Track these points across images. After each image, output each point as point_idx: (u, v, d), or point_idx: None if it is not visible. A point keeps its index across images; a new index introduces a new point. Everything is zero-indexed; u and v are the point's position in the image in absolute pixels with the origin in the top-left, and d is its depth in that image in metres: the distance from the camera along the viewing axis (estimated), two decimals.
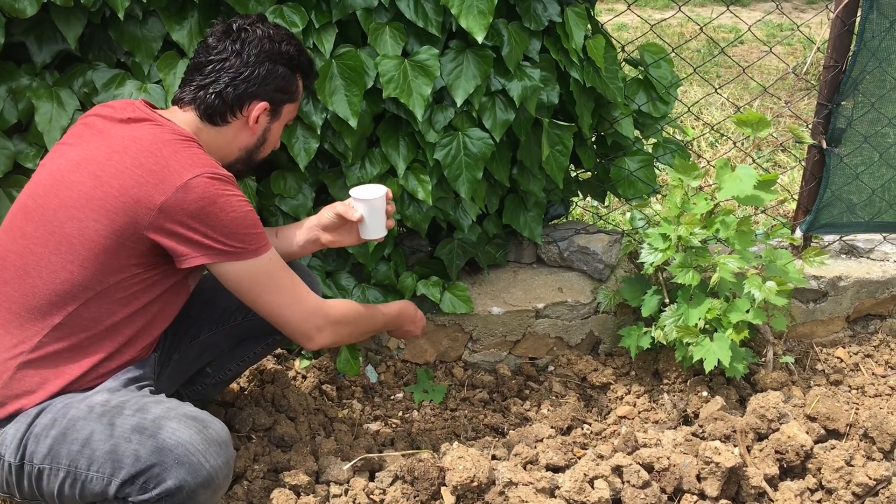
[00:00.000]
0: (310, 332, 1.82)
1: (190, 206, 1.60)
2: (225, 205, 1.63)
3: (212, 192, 1.62)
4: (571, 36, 2.38)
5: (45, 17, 2.02)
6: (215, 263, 1.68)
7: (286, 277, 1.76)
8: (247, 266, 1.70)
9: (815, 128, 2.70)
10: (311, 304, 1.80)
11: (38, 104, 2.06)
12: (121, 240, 1.61)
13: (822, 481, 2.07)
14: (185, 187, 1.60)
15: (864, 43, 2.53)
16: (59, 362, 1.64)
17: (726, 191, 2.32)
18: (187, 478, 1.51)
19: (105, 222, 1.60)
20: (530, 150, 2.51)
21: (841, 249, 2.97)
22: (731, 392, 2.48)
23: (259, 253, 1.70)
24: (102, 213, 1.60)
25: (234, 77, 1.74)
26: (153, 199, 1.59)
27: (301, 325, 1.80)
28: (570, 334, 2.72)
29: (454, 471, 1.95)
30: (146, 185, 1.59)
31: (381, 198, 1.95)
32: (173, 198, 1.59)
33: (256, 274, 1.71)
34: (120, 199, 1.59)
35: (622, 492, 1.95)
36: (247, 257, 1.69)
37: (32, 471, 1.57)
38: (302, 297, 1.79)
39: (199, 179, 1.61)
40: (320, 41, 2.18)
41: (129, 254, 1.63)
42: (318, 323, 1.82)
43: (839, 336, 2.88)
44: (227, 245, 1.66)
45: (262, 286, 1.73)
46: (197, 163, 1.64)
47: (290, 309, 1.77)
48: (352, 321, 1.91)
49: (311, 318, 1.80)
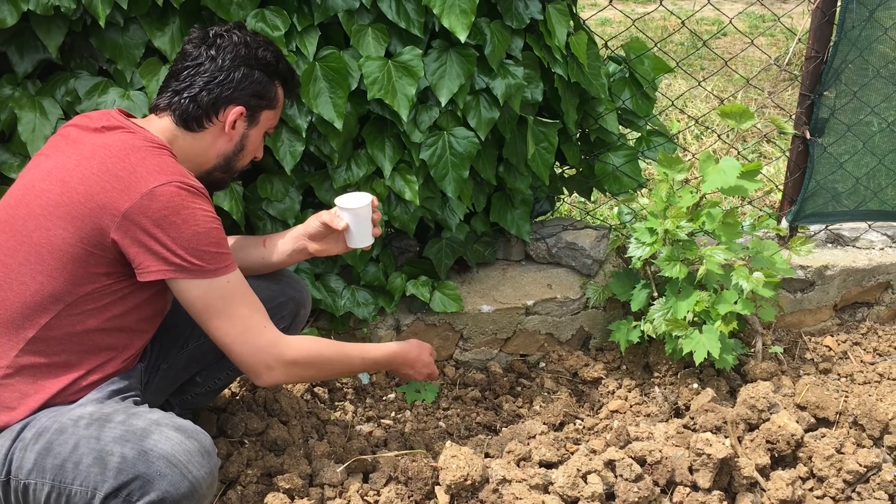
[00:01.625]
0: (257, 369, 1.72)
1: (153, 213, 1.57)
2: (188, 216, 1.60)
3: (177, 201, 1.58)
4: (554, 33, 2.39)
5: (26, 26, 2.01)
6: (172, 279, 1.62)
7: (244, 305, 1.68)
8: (202, 286, 1.63)
9: (798, 118, 2.71)
10: (265, 338, 1.70)
11: (21, 114, 2.05)
12: (87, 247, 1.59)
13: (814, 469, 2.09)
14: (151, 194, 1.57)
15: (844, 33, 2.55)
16: (37, 376, 1.62)
17: (710, 182, 2.33)
18: (170, 489, 1.50)
19: (71, 229, 1.58)
20: (516, 148, 2.52)
21: (827, 238, 2.98)
22: (722, 383, 2.49)
23: (217, 274, 1.64)
24: (68, 219, 1.58)
25: (209, 81, 1.72)
26: (118, 204, 1.57)
27: (249, 359, 1.70)
28: (561, 330, 2.73)
29: (448, 470, 1.95)
30: (112, 191, 1.57)
31: (366, 206, 1.94)
32: (138, 204, 1.57)
33: (211, 296, 1.64)
34: (86, 205, 1.58)
35: (615, 486, 1.96)
36: (204, 276, 1.63)
37: (18, 486, 1.56)
38: (255, 330, 1.69)
39: (165, 188, 1.58)
40: (303, 44, 2.17)
41: (98, 262, 1.61)
42: (268, 361, 1.71)
43: (827, 325, 2.90)
44: (185, 260, 1.60)
45: (215, 310, 1.65)
46: (165, 171, 1.61)
47: (241, 339, 1.68)
48: (313, 364, 1.80)
49: (261, 353, 1.70)
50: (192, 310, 1.67)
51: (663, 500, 1.99)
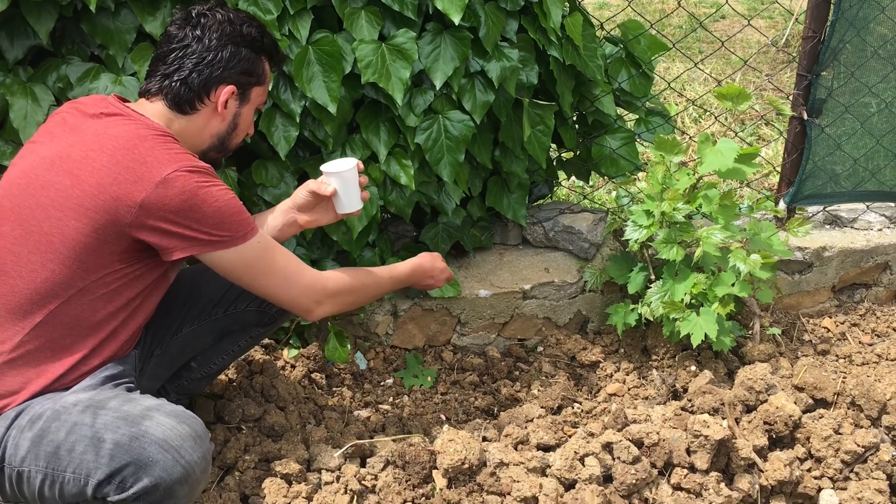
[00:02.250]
0: (308, 306, 1.83)
1: (172, 201, 1.59)
2: (207, 196, 1.62)
3: (191, 185, 1.60)
4: (549, 14, 2.37)
5: (16, 12, 2.00)
6: (204, 253, 1.67)
7: (278, 257, 1.77)
8: (237, 253, 1.69)
9: (796, 99, 2.70)
10: (307, 279, 1.81)
11: (13, 101, 2.04)
12: (102, 237, 1.60)
13: (811, 450, 2.08)
14: (165, 183, 1.58)
15: (841, 12, 2.53)
16: (39, 360, 1.62)
17: (708, 165, 2.32)
18: (163, 475, 1.50)
19: (85, 220, 1.58)
20: (512, 131, 2.50)
21: (825, 220, 2.97)
22: (720, 365, 2.49)
23: (247, 238, 1.70)
24: (81, 211, 1.58)
25: (198, 62, 1.72)
26: (133, 196, 1.58)
27: (299, 299, 1.81)
28: (558, 314, 2.73)
29: (445, 454, 1.95)
30: (125, 183, 1.58)
31: (352, 169, 1.94)
32: (154, 194, 1.58)
33: (248, 259, 1.71)
34: (99, 198, 1.58)
35: (613, 468, 1.96)
36: (236, 244, 1.69)
37: (12, 473, 1.56)
38: (297, 273, 1.80)
39: (177, 174, 1.59)
40: (296, 27, 2.16)
41: (112, 250, 1.62)
42: (316, 297, 1.83)
43: (825, 306, 2.90)
44: (214, 235, 1.65)
45: (256, 270, 1.74)
46: (174, 158, 1.62)
47: (286, 286, 1.78)
48: (352, 290, 1.92)
49: (307, 292, 1.81)
50: (233, 276, 1.74)
51: (661, 482, 1.99)
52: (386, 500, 1.91)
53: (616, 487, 1.94)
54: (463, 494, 1.92)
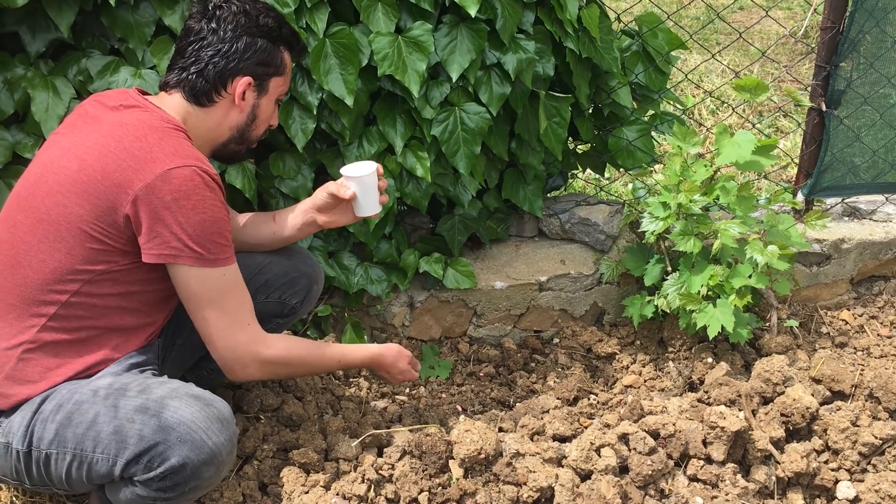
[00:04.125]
0: (232, 366, 1.75)
1: (165, 194, 1.58)
2: (198, 202, 1.61)
3: (189, 186, 1.59)
4: (565, 6, 2.37)
5: (37, 6, 2.02)
6: (171, 265, 1.64)
7: (233, 300, 1.70)
8: (199, 274, 1.65)
9: (814, 90, 2.68)
10: (246, 336, 1.73)
11: (34, 94, 2.06)
12: (102, 226, 1.61)
13: (829, 442, 2.08)
14: (165, 175, 1.58)
15: (860, 3, 2.51)
16: (60, 352, 1.65)
17: (725, 156, 2.31)
18: (191, 455, 1.53)
19: (87, 206, 1.60)
20: (528, 123, 2.50)
21: (843, 212, 2.96)
22: (737, 357, 2.49)
23: (216, 264, 1.66)
24: (85, 196, 1.60)
25: (214, 55, 1.72)
26: (132, 183, 1.58)
27: (228, 353, 1.73)
28: (574, 306, 2.73)
29: (461, 444, 1.96)
30: (128, 170, 1.59)
31: (371, 174, 1.94)
32: (152, 184, 1.58)
33: (204, 286, 1.66)
34: (102, 183, 1.59)
35: (629, 459, 1.97)
36: (203, 264, 1.64)
37: (40, 456, 1.59)
38: (240, 327, 1.72)
39: (181, 171, 1.59)
40: (313, 20, 2.17)
41: (113, 241, 1.63)
42: (245, 360, 1.74)
43: (844, 298, 2.88)
44: (186, 246, 1.62)
45: (205, 301, 1.67)
46: (182, 153, 1.62)
47: (223, 334, 1.70)
48: (288, 364, 1.83)
49: (240, 350, 1.73)
50: (184, 296, 1.68)
51: (677, 473, 2.00)
52: (403, 489, 1.92)
53: (632, 478, 1.95)
54: (479, 484, 1.93)
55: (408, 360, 2.09)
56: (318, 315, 2.52)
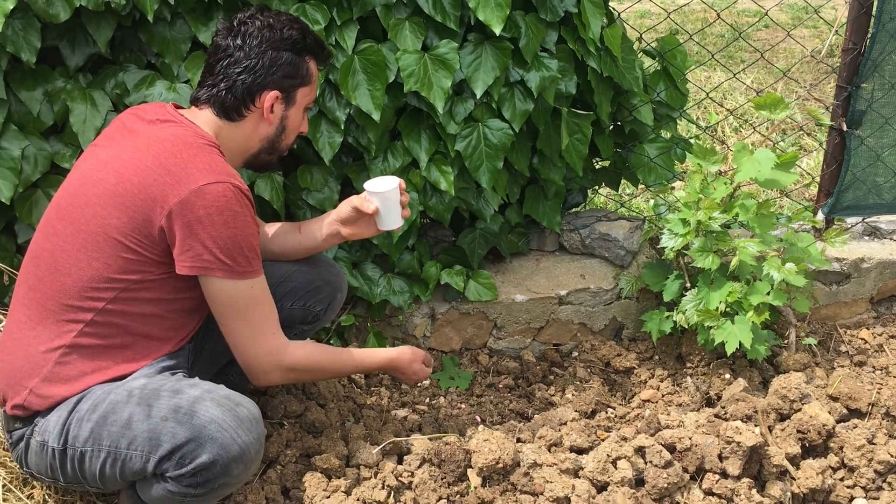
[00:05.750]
0: (257, 372, 1.84)
1: (198, 209, 1.64)
2: (230, 218, 1.67)
3: (222, 202, 1.66)
4: (588, 26, 2.41)
5: (77, 21, 2.10)
6: (202, 276, 1.71)
7: (259, 311, 1.78)
8: (228, 285, 1.72)
9: (835, 110, 2.71)
10: (270, 345, 1.81)
11: (73, 106, 2.14)
12: (137, 237, 1.67)
13: (844, 459, 2.09)
14: (200, 191, 1.64)
15: (882, 25, 2.54)
16: (95, 357, 1.71)
17: (744, 173, 2.35)
18: (221, 453, 1.59)
19: (125, 219, 1.66)
20: (550, 140, 2.55)
21: (864, 231, 2.97)
22: (754, 374, 2.51)
23: (244, 276, 1.73)
24: (122, 208, 1.66)
25: (241, 71, 1.77)
26: (168, 197, 1.65)
27: (253, 360, 1.81)
28: (594, 320, 2.76)
29: (480, 453, 2.00)
30: (164, 185, 1.65)
31: (394, 189, 1.99)
32: (186, 199, 1.64)
33: (232, 297, 1.73)
34: (139, 197, 1.66)
35: (645, 471, 1.99)
36: (232, 276, 1.71)
37: (75, 454, 1.65)
38: (265, 335, 1.80)
39: (214, 186, 1.65)
40: (342, 37, 2.23)
41: (149, 252, 1.69)
42: (268, 367, 1.83)
43: (863, 317, 2.89)
44: (217, 258, 1.68)
45: (233, 310, 1.75)
46: (215, 169, 1.68)
47: (248, 341, 1.79)
48: (308, 370, 1.93)
49: (263, 357, 1.81)
50: (214, 306, 1.76)
51: (692, 487, 2.02)
52: (422, 496, 1.96)
53: (648, 491, 1.97)
54: (497, 493, 1.97)
55: (422, 360, 2.16)
56: (342, 324, 2.57)
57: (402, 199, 2.02)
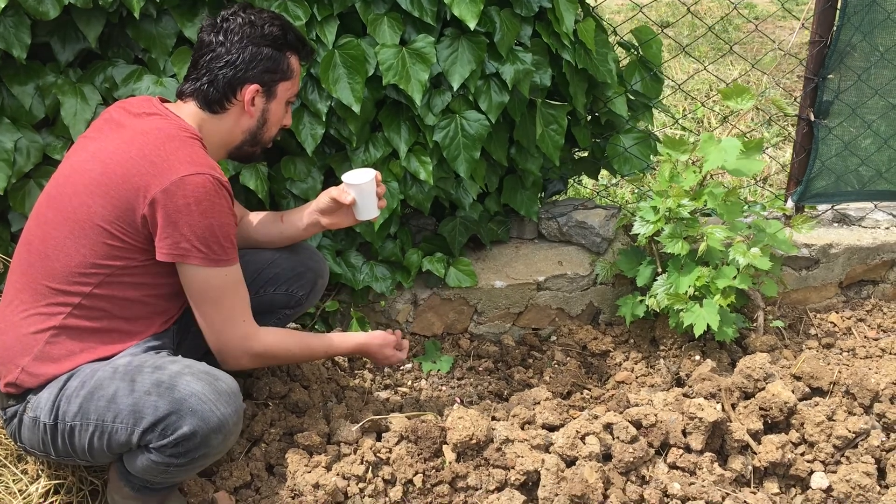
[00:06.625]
0: (225, 357, 1.92)
1: (178, 199, 1.73)
2: (208, 208, 1.76)
3: (201, 192, 1.74)
4: (562, 20, 2.50)
5: (68, 18, 2.18)
6: (179, 263, 1.80)
7: (232, 298, 1.86)
8: (203, 273, 1.81)
9: (803, 101, 2.79)
10: (240, 331, 1.89)
11: (64, 100, 2.22)
12: (121, 225, 1.76)
13: (805, 435, 2.19)
14: (181, 182, 1.73)
15: (847, 18, 2.62)
16: (84, 337, 1.81)
17: (712, 161, 2.43)
18: (200, 424, 1.68)
19: (109, 207, 1.75)
20: (526, 130, 2.64)
21: (833, 218, 3.06)
22: (724, 356, 2.60)
23: (219, 264, 1.81)
24: (107, 197, 1.75)
25: (223, 66, 1.86)
26: (150, 187, 1.73)
27: (223, 346, 1.90)
28: (571, 305, 2.85)
29: (454, 430, 2.09)
30: (147, 175, 1.74)
31: (370, 181, 2.08)
32: (167, 189, 1.73)
33: (207, 283, 1.82)
34: (123, 186, 1.75)
35: (612, 447, 2.09)
36: (207, 265, 1.80)
37: (65, 428, 1.75)
38: (235, 322, 1.88)
39: (195, 178, 1.74)
40: (323, 33, 2.32)
41: (132, 239, 1.78)
42: (237, 352, 1.91)
43: (833, 301, 2.98)
44: (194, 246, 1.77)
45: (207, 296, 1.84)
46: (196, 161, 1.77)
47: (220, 328, 1.87)
48: (276, 357, 2.01)
49: (234, 344, 1.90)
50: (189, 291, 1.85)
51: (657, 461, 2.12)
52: (399, 471, 2.06)
53: (615, 465, 2.07)
54: (470, 468, 2.06)
55: (393, 345, 2.23)
56: (327, 310, 2.66)
57: (379, 190, 2.11)
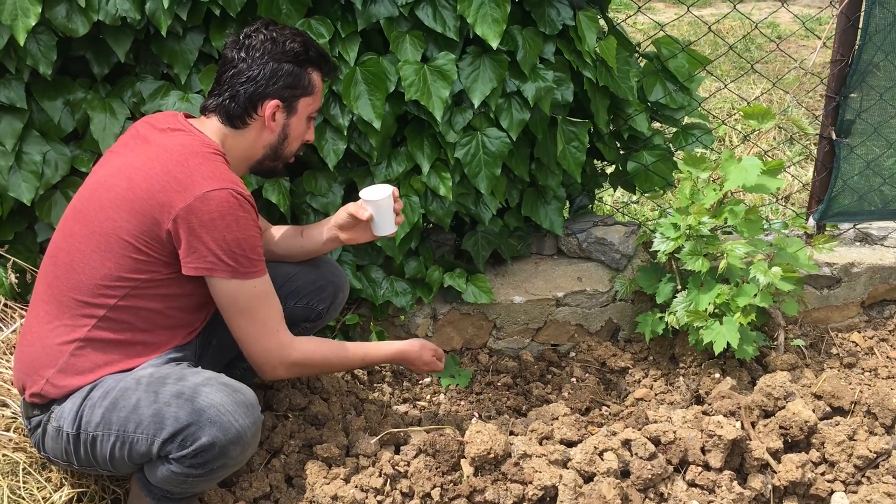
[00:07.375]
0: (263, 367, 1.94)
1: (203, 214, 1.76)
2: (232, 222, 1.78)
3: (225, 207, 1.77)
4: (584, 38, 2.52)
5: (99, 34, 2.23)
6: (208, 277, 1.83)
7: (264, 309, 1.88)
8: (232, 286, 1.83)
9: (824, 120, 2.79)
10: (275, 341, 1.91)
11: (93, 114, 2.28)
12: (146, 239, 1.79)
13: (825, 455, 2.17)
14: (204, 197, 1.76)
15: (868, 37, 2.62)
16: (108, 350, 1.84)
17: (732, 181, 2.43)
18: (219, 435, 1.70)
19: (134, 222, 1.79)
20: (547, 147, 2.65)
21: (855, 237, 3.04)
22: (744, 374, 2.59)
23: (248, 276, 1.83)
24: (132, 213, 1.79)
25: (244, 81, 1.89)
26: (175, 203, 1.76)
27: (259, 356, 1.92)
28: (590, 321, 2.86)
29: (473, 444, 2.10)
30: (171, 191, 1.77)
31: (387, 197, 2.10)
32: (191, 205, 1.76)
33: (237, 296, 1.84)
34: (148, 202, 1.78)
35: (630, 463, 2.08)
36: (236, 277, 1.82)
37: (88, 438, 1.78)
38: (271, 332, 1.90)
39: (218, 193, 1.77)
40: (345, 50, 2.35)
41: (156, 253, 1.81)
42: (274, 362, 1.93)
43: (854, 321, 2.96)
44: (221, 260, 1.80)
45: (238, 309, 1.86)
46: (219, 177, 1.80)
47: (255, 338, 1.89)
48: (313, 365, 2.03)
49: (270, 353, 1.91)
50: (221, 305, 1.88)
51: (676, 478, 2.11)
52: (417, 484, 2.07)
53: (633, 481, 2.07)
54: (488, 482, 2.07)
55: (432, 353, 2.24)
56: (347, 323, 2.68)
57: (396, 206, 2.13)
